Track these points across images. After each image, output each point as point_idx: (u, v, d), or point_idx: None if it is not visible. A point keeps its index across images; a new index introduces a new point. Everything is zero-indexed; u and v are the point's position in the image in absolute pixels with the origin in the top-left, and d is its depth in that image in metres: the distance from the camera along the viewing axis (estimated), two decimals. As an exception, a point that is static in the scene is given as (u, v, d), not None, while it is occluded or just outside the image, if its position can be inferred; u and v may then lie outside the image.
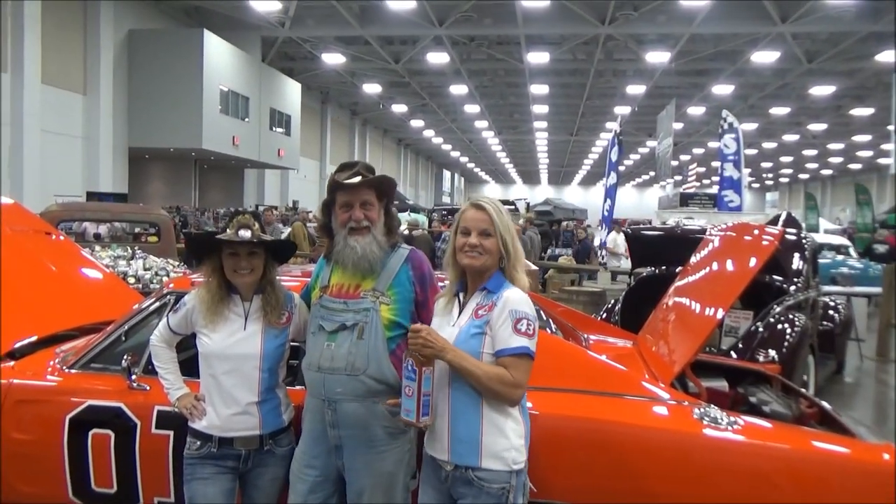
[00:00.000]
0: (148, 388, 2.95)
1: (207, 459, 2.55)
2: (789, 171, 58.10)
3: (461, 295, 2.35)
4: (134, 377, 2.98)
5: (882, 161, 43.38)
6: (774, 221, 7.45)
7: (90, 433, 2.99)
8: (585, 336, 3.77)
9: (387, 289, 2.49)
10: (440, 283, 2.58)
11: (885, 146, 38.81)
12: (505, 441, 2.21)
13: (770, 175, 62.23)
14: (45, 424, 3.05)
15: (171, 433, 2.88)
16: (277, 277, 2.70)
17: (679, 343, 3.23)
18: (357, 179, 2.49)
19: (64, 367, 3.18)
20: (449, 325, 2.31)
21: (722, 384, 3.50)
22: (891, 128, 31.22)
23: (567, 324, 3.84)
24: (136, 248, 7.86)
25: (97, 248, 7.66)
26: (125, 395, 2.98)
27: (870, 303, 10.89)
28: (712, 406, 2.75)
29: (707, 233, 4.46)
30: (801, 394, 3.50)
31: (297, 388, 2.80)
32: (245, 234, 2.53)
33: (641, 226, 12.94)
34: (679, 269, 6.53)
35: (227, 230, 2.56)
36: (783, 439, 2.66)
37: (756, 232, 3.56)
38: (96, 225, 10.65)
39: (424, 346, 2.15)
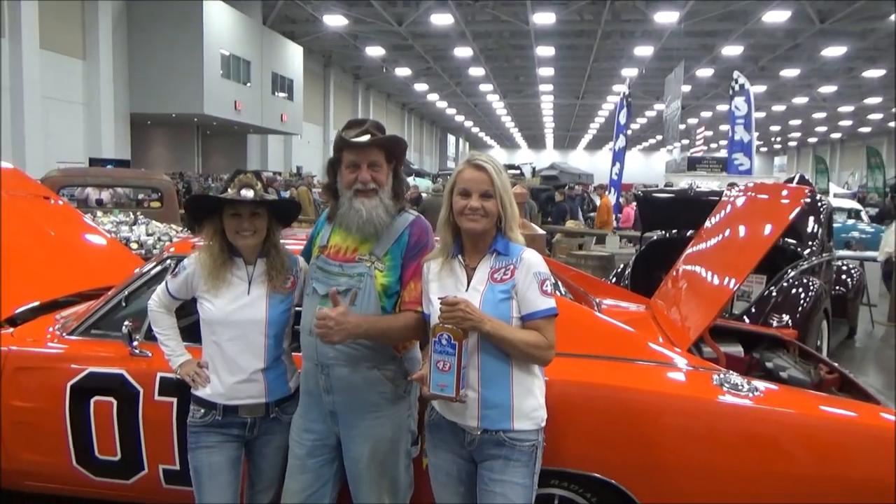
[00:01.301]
0: (150, 354, 2.88)
1: (212, 428, 2.47)
2: (797, 134, 57.40)
3: (460, 258, 2.25)
4: (135, 343, 2.91)
5: (893, 124, 42.82)
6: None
7: (92, 401, 2.93)
8: (598, 300, 3.67)
9: (384, 254, 2.38)
10: None
11: (896, 109, 38.30)
12: (534, 401, 2.22)
13: (778, 139, 61.53)
14: (45, 392, 2.99)
15: (175, 400, 2.82)
16: (282, 241, 2.58)
17: (697, 308, 3.13)
18: (366, 138, 2.35)
19: (64, 334, 3.12)
20: (458, 289, 2.21)
21: (737, 349, 3.41)
22: (903, 90, 30.69)
23: (579, 288, 3.74)
24: (139, 213, 7.77)
25: (99, 213, 7.58)
26: (127, 361, 2.92)
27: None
28: (732, 372, 2.66)
29: (724, 195, 4.32)
30: (820, 359, 3.41)
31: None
32: (247, 193, 2.40)
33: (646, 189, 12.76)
34: (690, 232, 6.48)
35: (229, 190, 2.43)
36: (806, 406, 2.57)
37: (779, 191, 3.42)
38: (99, 191, 10.56)
39: (464, 318, 2.07)
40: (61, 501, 3.23)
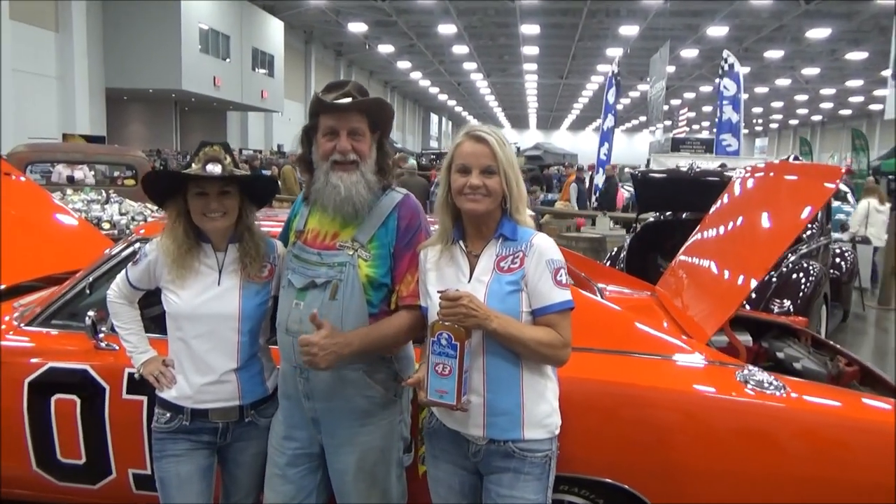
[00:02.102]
0: (117, 347, 2.60)
1: (179, 434, 2.19)
2: (779, 116, 57.62)
3: (461, 244, 2.00)
4: (101, 335, 2.63)
5: (874, 107, 43.02)
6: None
7: (53, 399, 2.67)
8: (600, 286, 3.45)
9: (368, 241, 2.09)
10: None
11: (877, 92, 38.43)
12: (546, 406, 1.98)
13: (760, 121, 61.75)
14: (1, 389, 2.71)
15: (145, 399, 2.56)
16: (257, 223, 2.27)
17: (715, 298, 2.92)
18: (347, 101, 2.06)
19: (22, 324, 2.83)
20: (460, 280, 1.96)
21: (746, 338, 3.21)
22: (886, 73, 30.81)
23: (580, 273, 3.51)
24: (112, 191, 7.42)
25: (69, 191, 7.24)
26: (91, 355, 2.65)
27: (875, 251, 10.71)
28: (756, 368, 2.44)
29: (736, 174, 4.10)
30: (837, 350, 3.21)
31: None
32: (214, 169, 2.09)
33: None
34: (686, 214, 6.29)
35: (193, 165, 2.11)
36: (842, 406, 2.36)
37: (807, 173, 3.20)
38: (70, 168, 10.15)
39: (468, 315, 1.82)
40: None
